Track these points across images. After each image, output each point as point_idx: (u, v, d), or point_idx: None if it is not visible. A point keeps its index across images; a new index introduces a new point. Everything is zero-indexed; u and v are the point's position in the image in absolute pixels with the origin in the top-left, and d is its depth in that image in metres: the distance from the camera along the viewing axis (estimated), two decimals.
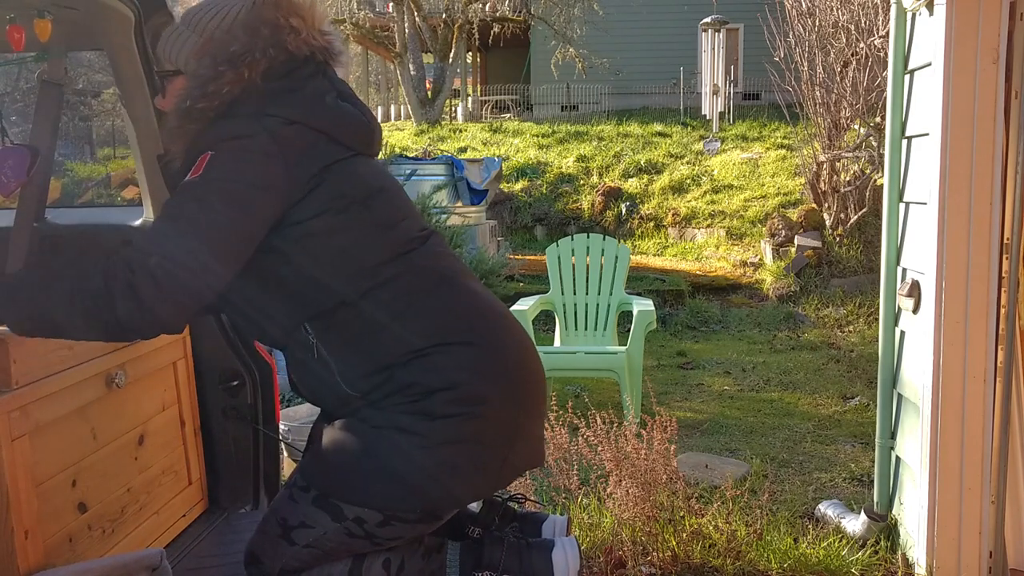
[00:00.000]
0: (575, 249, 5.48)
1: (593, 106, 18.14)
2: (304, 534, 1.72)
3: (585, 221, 11.90)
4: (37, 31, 2.07)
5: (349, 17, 18.17)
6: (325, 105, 1.75)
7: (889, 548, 2.82)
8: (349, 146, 1.76)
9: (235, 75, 1.68)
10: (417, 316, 1.70)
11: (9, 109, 7.57)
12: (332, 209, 1.68)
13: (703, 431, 4.56)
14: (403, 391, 1.66)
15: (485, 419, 1.68)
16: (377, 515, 1.68)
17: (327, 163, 1.70)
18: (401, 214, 1.79)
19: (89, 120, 17.17)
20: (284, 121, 1.68)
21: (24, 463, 1.69)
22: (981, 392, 2.52)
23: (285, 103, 1.71)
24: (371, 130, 1.83)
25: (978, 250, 2.49)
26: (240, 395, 2.44)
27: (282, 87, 1.72)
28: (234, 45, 1.70)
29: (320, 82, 1.78)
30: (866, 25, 7.80)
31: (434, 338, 1.68)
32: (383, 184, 1.80)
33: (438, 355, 1.67)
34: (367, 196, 1.74)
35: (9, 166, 2.21)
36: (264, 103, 1.69)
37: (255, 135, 1.64)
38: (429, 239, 1.81)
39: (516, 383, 1.74)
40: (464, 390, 1.66)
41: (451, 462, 1.66)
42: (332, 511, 1.70)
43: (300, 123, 1.69)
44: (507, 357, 1.75)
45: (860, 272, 8.33)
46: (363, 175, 1.76)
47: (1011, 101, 2.48)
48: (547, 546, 1.86)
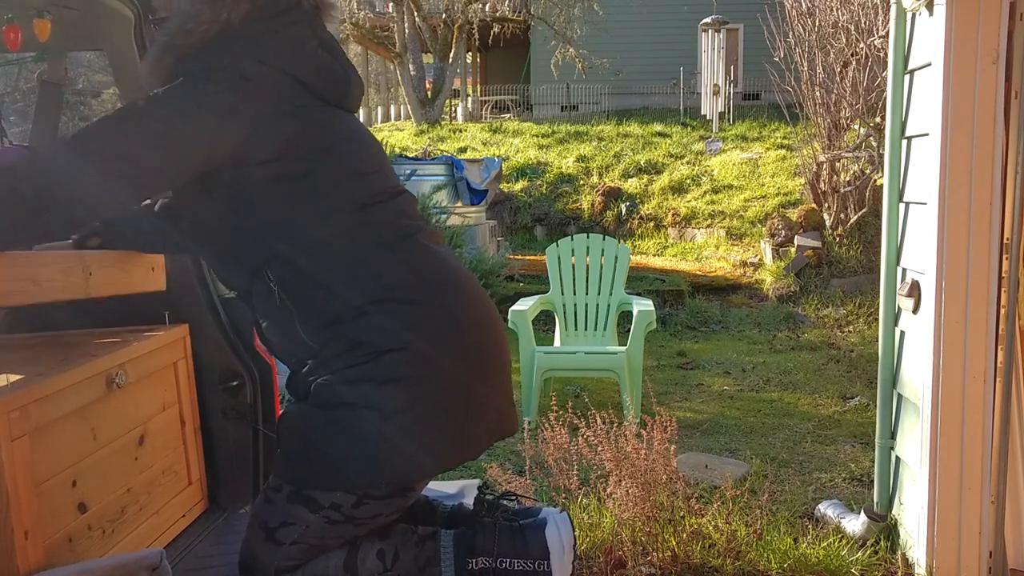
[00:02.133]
0: (575, 249, 5.48)
1: (593, 106, 18.15)
2: (287, 532, 1.73)
3: (585, 221, 11.90)
4: (37, 31, 2.07)
5: (349, 17, 18.16)
6: (303, 52, 1.75)
7: (889, 548, 2.82)
8: (321, 95, 1.76)
9: (212, 15, 1.69)
10: (371, 270, 1.69)
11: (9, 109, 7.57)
12: (294, 155, 1.69)
13: (703, 431, 4.56)
14: (353, 350, 1.65)
15: (433, 382, 1.67)
16: (350, 496, 1.69)
17: (293, 107, 1.70)
18: (370, 168, 1.78)
19: (89, 120, 17.18)
20: (254, 61, 1.68)
21: (24, 463, 1.68)
22: (981, 392, 2.52)
23: (259, 46, 1.71)
24: (348, 82, 1.82)
25: (978, 250, 2.49)
26: (240, 395, 2.44)
27: (261, 30, 1.72)
28: None
29: (302, 29, 1.77)
30: (866, 25, 7.80)
31: (383, 293, 1.68)
32: (354, 136, 1.79)
33: (385, 313, 1.66)
34: (333, 145, 1.74)
35: None
36: (239, 44, 1.70)
37: (224, 69, 1.66)
38: (397, 197, 1.80)
39: (467, 345, 1.73)
40: (410, 352, 1.65)
41: (407, 431, 1.65)
42: (307, 503, 1.71)
43: (271, 65, 1.69)
44: (457, 317, 1.72)
45: (860, 272, 8.33)
46: (332, 124, 1.76)
47: (1011, 101, 2.48)
48: (540, 525, 1.86)
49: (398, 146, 14.14)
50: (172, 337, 2.31)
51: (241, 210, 1.69)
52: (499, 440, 1.85)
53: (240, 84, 1.65)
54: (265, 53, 1.70)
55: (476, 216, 9.47)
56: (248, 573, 1.78)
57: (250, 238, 1.71)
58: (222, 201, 1.70)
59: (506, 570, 1.81)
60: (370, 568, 1.77)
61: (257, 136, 1.66)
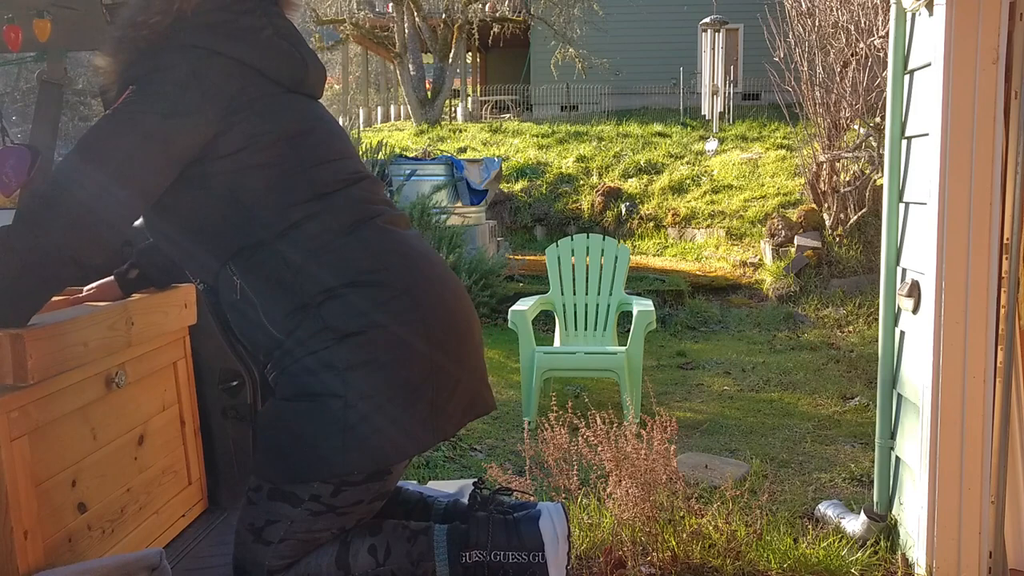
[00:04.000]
0: (575, 249, 5.48)
1: (593, 106, 18.15)
2: (274, 530, 1.73)
3: (585, 221, 11.90)
4: (37, 31, 2.07)
5: (349, 17, 18.18)
6: (258, 40, 1.74)
7: (889, 548, 2.82)
8: (278, 81, 1.75)
9: (164, 4, 1.68)
10: (331, 255, 1.68)
11: (9, 109, 7.57)
12: (254, 145, 1.68)
13: (703, 431, 4.56)
14: (314, 337, 1.65)
15: (397, 364, 1.66)
16: (327, 486, 1.68)
17: (252, 97, 1.69)
18: (332, 155, 1.78)
19: (89, 120, 17.17)
20: (207, 52, 1.67)
21: (24, 463, 1.68)
22: (981, 392, 2.52)
23: (212, 35, 1.70)
24: (304, 67, 1.81)
25: (978, 250, 2.49)
26: (240, 395, 2.44)
27: (213, 20, 1.71)
28: None
29: (255, 18, 1.76)
30: (866, 25, 7.80)
31: (345, 277, 1.67)
32: (315, 124, 1.78)
33: (350, 295, 1.66)
34: (294, 134, 1.73)
35: (11, 166, 2.21)
36: (191, 35, 1.68)
37: (175, 66, 1.65)
38: (360, 182, 1.79)
39: (431, 326, 1.70)
40: (372, 335, 1.64)
41: (375, 415, 1.64)
42: (288, 499, 1.71)
43: (224, 55, 1.69)
44: (418, 299, 1.70)
45: (860, 272, 8.33)
46: (293, 111, 1.75)
47: (1011, 101, 2.48)
48: (534, 516, 1.84)
49: (398, 146, 14.13)
50: (172, 337, 2.31)
51: (207, 204, 1.69)
52: (474, 419, 1.83)
53: (193, 81, 1.65)
54: (218, 42, 1.69)
55: (476, 216, 9.47)
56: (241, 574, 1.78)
57: (215, 230, 1.71)
58: (188, 196, 1.70)
59: (500, 563, 1.80)
60: (363, 564, 1.76)
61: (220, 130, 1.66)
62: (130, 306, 1.99)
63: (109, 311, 1.92)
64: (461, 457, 4.07)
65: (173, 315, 2.20)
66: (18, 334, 1.64)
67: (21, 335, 1.64)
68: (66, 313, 1.83)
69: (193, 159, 1.67)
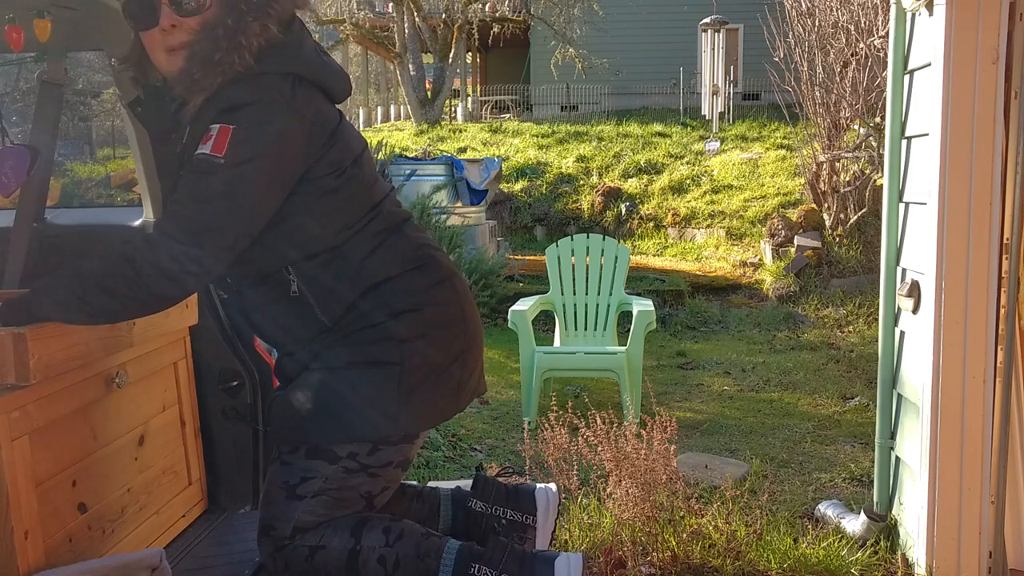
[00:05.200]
0: (575, 249, 5.48)
1: (593, 106, 18.15)
2: (309, 486, 1.81)
3: (585, 221, 11.90)
4: (37, 31, 2.07)
5: (349, 17, 18.17)
6: (321, 60, 1.79)
7: (889, 548, 2.82)
8: (337, 100, 1.83)
9: (260, 26, 1.67)
10: (385, 251, 1.82)
11: (9, 109, 7.57)
12: (335, 172, 1.76)
13: (703, 431, 4.56)
14: (373, 312, 1.78)
15: (443, 341, 1.83)
16: (366, 445, 1.80)
17: (332, 128, 1.76)
18: (374, 169, 1.90)
19: (89, 120, 17.17)
20: (296, 79, 1.70)
21: (24, 463, 1.69)
22: (981, 392, 2.52)
23: (296, 58, 1.72)
24: (349, 83, 1.89)
25: (978, 250, 2.49)
26: (240, 395, 2.44)
27: (290, 41, 1.73)
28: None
29: (309, 37, 1.81)
30: (866, 25, 7.80)
31: (399, 266, 1.82)
32: (363, 143, 1.89)
33: (402, 279, 1.81)
34: (358, 155, 1.83)
35: (10, 166, 2.21)
36: (279, 59, 1.69)
37: (273, 104, 1.65)
38: (390, 193, 1.93)
39: (465, 314, 1.89)
40: (427, 311, 1.81)
41: (421, 382, 1.80)
42: (327, 456, 1.80)
43: (308, 81, 1.72)
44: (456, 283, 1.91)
45: (860, 272, 8.33)
46: (352, 135, 1.84)
47: (1011, 101, 2.48)
48: (550, 557, 1.89)
49: (398, 146, 14.13)
50: (172, 337, 2.31)
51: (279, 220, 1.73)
52: (475, 399, 2.00)
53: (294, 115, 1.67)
54: (299, 67, 1.72)
55: (476, 216, 9.47)
56: (267, 534, 1.84)
57: (281, 241, 1.76)
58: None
59: None
60: (373, 539, 1.82)
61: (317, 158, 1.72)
62: None
63: None
64: (461, 457, 4.07)
65: (174, 315, 2.21)
66: (20, 333, 1.64)
67: (23, 334, 1.64)
68: None
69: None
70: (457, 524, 2.12)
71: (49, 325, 1.70)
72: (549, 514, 2.14)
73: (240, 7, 1.67)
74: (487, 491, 2.15)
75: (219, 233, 1.64)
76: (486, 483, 2.16)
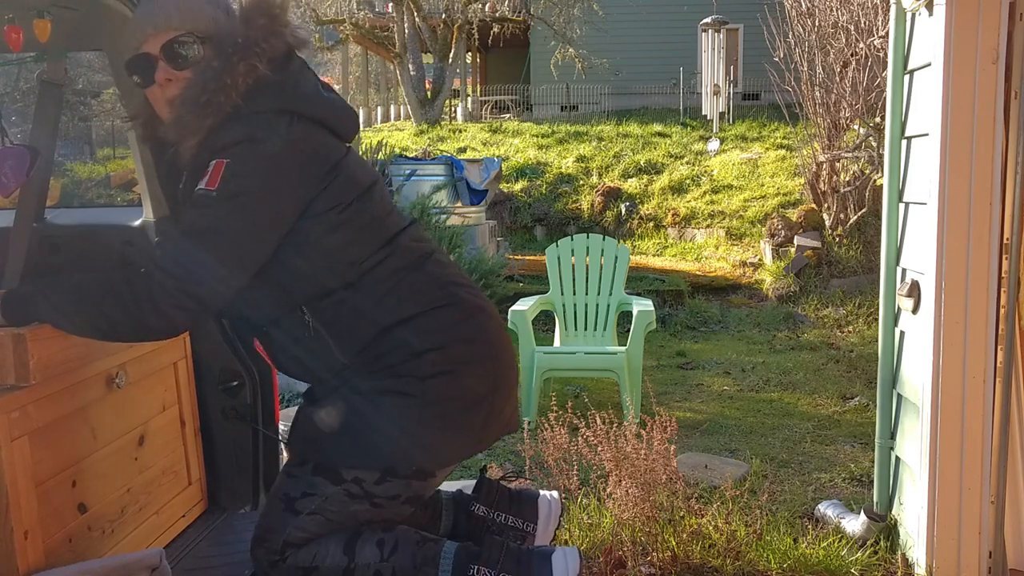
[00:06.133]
0: (575, 249, 5.48)
1: (593, 106, 18.14)
2: (307, 502, 1.78)
3: (585, 221, 11.90)
4: (37, 31, 2.07)
5: (349, 17, 18.17)
6: (322, 97, 1.78)
7: (889, 548, 2.82)
8: (342, 137, 1.81)
9: (247, 66, 1.67)
10: (404, 289, 1.78)
11: (9, 109, 7.56)
12: (337, 207, 1.73)
13: (703, 431, 4.56)
14: (394, 352, 1.74)
15: (468, 379, 1.78)
16: (374, 473, 1.76)
17: (334, 162, 1.73)
18: (389, 205, 1.87)
19: (89, 120, 17.17)
20: (292, 116, 1.69)
21: (24, 463, 1.69)
22: (981, 392, 2.52)
23: (291, 97, 1.71)
24: (356, 119, 1.89)
25: (978, 250, 2.49)
26: (240, 395, 2.44)
27: (284, 80, 1.72)
28: (237, 33, 1.69)
29: (310, 74, 1.80)
30: (866, 25, 7.80)
31: (419, 305, 1.78)
32: (374, 178, 1.85)
33: (423, 318, 1.77)
34: (364, 191, 1.79)
35: (9, 166, 2.21)
36: (271, 97, 1.69)
37: (267, 139, 1.65)
38: (411, 226, 1.89)
39: (494, 349, 1.84)
40: (450, 350, 1.77)
41: (439, 419, 1.76)
42: (331, 476, 1.77)
43: (307, 118, 1.71)
44: (483, 325, 1.85)
45: (860, 272, 8.32)
46: (358, 171, 1.81)
47: (1011, 101, 2.48)
48: (547, 552, 1.89)
49: (398, 146, 14.12)
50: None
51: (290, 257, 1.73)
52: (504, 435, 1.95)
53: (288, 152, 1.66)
54: (297, 105, 1.71)
55: (476, 216, 9.46)
56: (260, 545, 1.82)
57: (293, 280, 1.75)
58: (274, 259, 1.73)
59: None
60: (367, 554, 1.80)
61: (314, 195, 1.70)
62: None
63: None
64: None
65: None
66: (20, 334, 1.64)
67: (23, 335, 1.64)
68: None
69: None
70: (458, 528, 2.11)
71: (48, 326, 1.70)
72: (550, 523, 2.13)
73: (227, 49, 1.67)
74: (490, 495, 2.13)
75: (211, 268, 1.63)
76: (489, 487, 2.14)
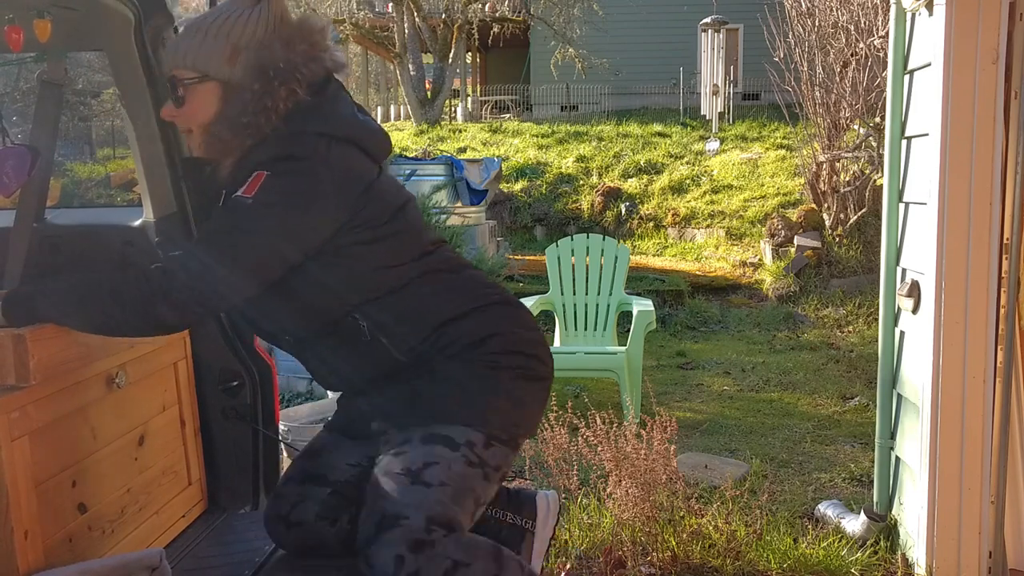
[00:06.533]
0: (575, 249, 5.48)
1: (593, 106, 18.13)
2: (433, 472, 1.69)
3: (585, 221, 11.89)
4: (37, 31, 2.07)
5: (349, 17, 18.16)
6: (357, 120, 1.82)
7: (889, 548, 2.82)
8: (376, 159, 1.84)
9: (288, 90, 1.72)
10: (455, 289, 1.85)
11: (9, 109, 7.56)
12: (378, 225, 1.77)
13: (703, 431, 4.56)
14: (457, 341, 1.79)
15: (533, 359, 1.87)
16: (481, 435, 1.76)
17: (368, 183, 1.77)
18: (422, 223, 1.92)
19: (89, 120, 17.16)
20: (331, 139, 1.72)
21: (24, 463, 1.69)
22: (981, 392, 2.52)
23: (329, 119, 1.75)
24: (389, 141, 1.92)
25: (978, 250, 2.49)
26: (240, 395, 2.44)
27: (322, 102, 1.76)
28: (279, 57, 1.72)
29: (346, 96, 1.84)
30: (866, 25, 7.80)
31: (471, 301, 1.84)
32: (407, 197, 1.89)
33: (478, 312, 1.83)
34: (397, 210, 1.83)
35: (10, 166, 2.21)
36: (310, 120, 1.73)
37: (308, 158, 1.69)
38: (442, 244, 1.94)
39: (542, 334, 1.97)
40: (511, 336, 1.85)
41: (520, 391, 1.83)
42: (444, 441, 1.74)
43: (344, 140, 1.74)
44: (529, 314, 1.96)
45: (860, 272, 8.32)
46: (392, 191, 1.86)
47: (1011, 101, 2.48)
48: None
49: (398, 146, 14.12)
50: (172, 337, 2.31)
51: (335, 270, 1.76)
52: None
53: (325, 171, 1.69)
54: (335, 127, 1.74)
55: (476, 216, 9.46)
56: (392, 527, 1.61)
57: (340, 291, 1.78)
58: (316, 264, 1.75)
59: None
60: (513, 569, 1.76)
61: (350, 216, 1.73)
62: None
63: None
64: None
65: None
66: (20, 334, 1.64)
67: (23, 335, 1.64)
68: None
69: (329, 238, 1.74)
70: None
71: (49, 326, 1.70)
72: (548, 520, 2.15)
73: (267, 73, 1.71)
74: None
75: (231, 266, 1.66)
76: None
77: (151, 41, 2.25)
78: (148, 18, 2.25)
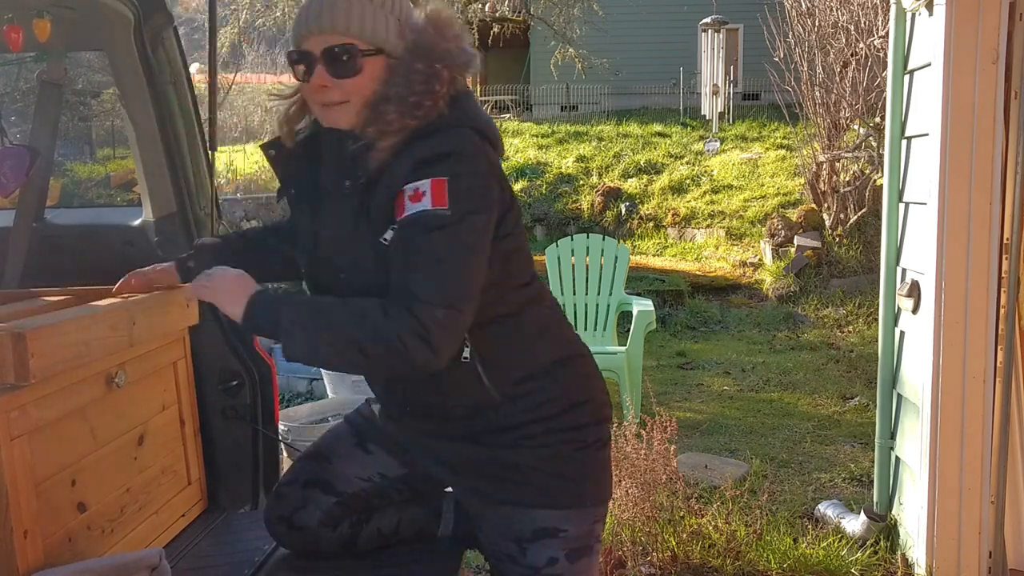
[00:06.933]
0: (575, 249, 5.48)
1: (593, 106, 18.14)
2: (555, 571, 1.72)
3: (585, 221, 11.90)
4: (36, 31, 2.07)
5: None
6: (487, 115, 1.73)
7: (889, 548, 2.82)
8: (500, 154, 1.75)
9: (449, 76, 1.63)
10: (553, 332, 1.77)
11: (9, 109, 7.56)
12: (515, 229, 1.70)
13: (703, 431, 4.55)
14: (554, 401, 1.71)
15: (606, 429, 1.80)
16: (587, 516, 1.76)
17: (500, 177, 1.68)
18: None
19: (89, 120, 17.16)
20: (481, 135, 1.63)
21: (24, 463, 1.68)
22: (981, 392, 2.52)
23: (474, 113, 1.66)
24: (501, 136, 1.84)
25: (978, 250, 2.49)
26: (240, 395, 2.44)
27: (467, 95, 1.68)
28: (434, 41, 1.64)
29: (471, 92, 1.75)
30: (866, 25, 7.80)
31: (567, 351, 1.77)
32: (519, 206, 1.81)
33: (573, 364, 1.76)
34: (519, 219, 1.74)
35: (9, 166, 2.21)
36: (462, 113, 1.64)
37: (476, 154, 1.60)
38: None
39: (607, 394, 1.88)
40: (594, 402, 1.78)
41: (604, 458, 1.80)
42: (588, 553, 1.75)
43: (485, 135, 1.65)
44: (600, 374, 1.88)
45: (860, 272, 8.33)
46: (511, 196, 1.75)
47: (1011, 101, 2.48)
48: None
49: None
50: (172, 337, 2.31)
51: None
52: None
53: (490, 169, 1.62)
54: (480, 123, 1.65)
55: None
56: None
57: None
58: None
59: None
60: None
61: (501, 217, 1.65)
62: (132, 306, 1.98)
63: (111, 310, 1.91)
64: None
65: (174, 315, 2.19)
66: (20, 333, 1.64)
67: (23, 334, 1.64)
68: (68, 312, 1.83)
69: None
70: (459, 528, 2.09)
71: (48, 325, 1.69)
72: None
73: (429, 54, 1.62)
74: None
75: (467, 288, 1.55)
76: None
77: (151, 41, 2.25)
78: (148, 18, 2.25)
